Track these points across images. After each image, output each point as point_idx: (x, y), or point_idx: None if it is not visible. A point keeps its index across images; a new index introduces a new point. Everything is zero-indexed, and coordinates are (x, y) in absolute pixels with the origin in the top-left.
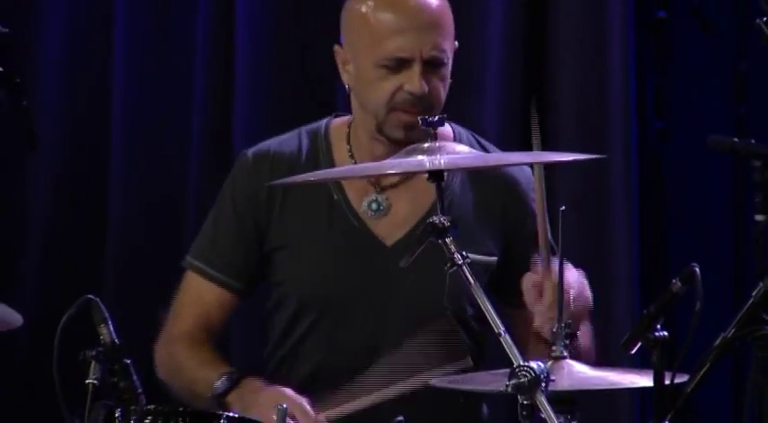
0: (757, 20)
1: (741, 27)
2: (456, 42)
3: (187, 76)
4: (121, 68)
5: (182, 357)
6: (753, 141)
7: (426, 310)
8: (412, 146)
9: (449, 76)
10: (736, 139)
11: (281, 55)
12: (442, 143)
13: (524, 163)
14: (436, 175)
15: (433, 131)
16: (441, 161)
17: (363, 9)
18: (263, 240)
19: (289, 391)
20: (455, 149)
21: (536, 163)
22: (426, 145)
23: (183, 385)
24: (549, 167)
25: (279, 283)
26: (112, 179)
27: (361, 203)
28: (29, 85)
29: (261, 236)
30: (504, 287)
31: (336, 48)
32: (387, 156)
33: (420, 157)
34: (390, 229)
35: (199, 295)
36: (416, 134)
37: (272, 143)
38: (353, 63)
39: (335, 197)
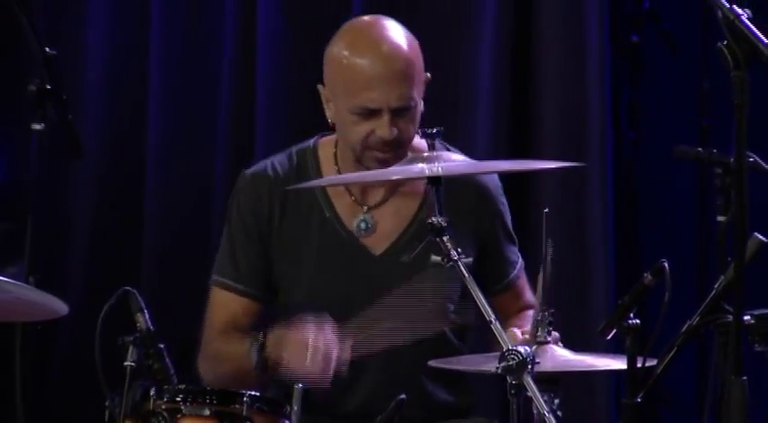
0: (719, 44)
1: (705, 50)
2: (428, 74)
3: (213, 93)
4: (156, 85)
5: (219, 351)
6: (714, 151)
7: (413, 315)
8: (412, 155)
9: (418, 113)
10: (700, 149)
11: (298, 61)
12: (440, 153)
13: (514, 170)
14: (435, 181)
15: (431, 142)
16: (439, 169)
17: (341, 56)
18: (270, 249)
19: (309, 327)
20: (451, 158)
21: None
22: (425, 154)
23: (228, 372)
24: (534, 173)
25: (281, 291)
26: (148, 183)
27: (352, 222)
28: (73, 101)
29: (266, 246)
30: (482, 279)
31: (319, 87)
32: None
33: (421, 165)
34: (377, 242)
35: (226, 306)
36: (391, 163)
37: (267, 163)
38: (333, 102)
39: (327, 215)
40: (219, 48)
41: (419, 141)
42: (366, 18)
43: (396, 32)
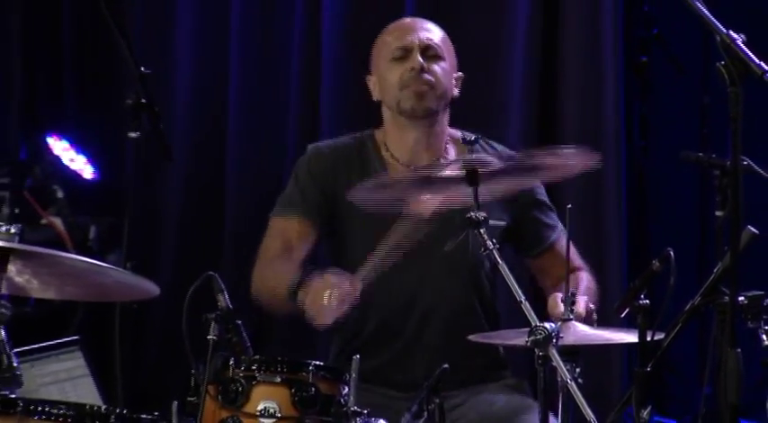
0: (717, 64)
1: (705, 69)
2: (460, 73)
3: (283, 104)
4: (233, 99)
5: (274, 267)
6: (713, 156)
7: (454, 269)
8: (455, 159)
9: (450, 70)
10: (701, 154)
11: (356, 75)
12: (479, 155)
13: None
14: (473, 182)
15: (471, 148)
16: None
17: (382, 42)
18: (331, 206)
19: (327, 275)
20: (488, 160)
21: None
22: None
23: (268, 292)
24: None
25: (341, 255)
26: (227, 182)
27: None
28: (164, 113)
29: (327, 202)
30: (522, 243)
31: (367, 76)
32: (414, 138)
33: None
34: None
35: (282, 231)
36: (427, 102)
37: (330, 141)
38: (377, 75)
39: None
40: (288, 65)
41: (454, 132)
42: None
43: (430, 23)
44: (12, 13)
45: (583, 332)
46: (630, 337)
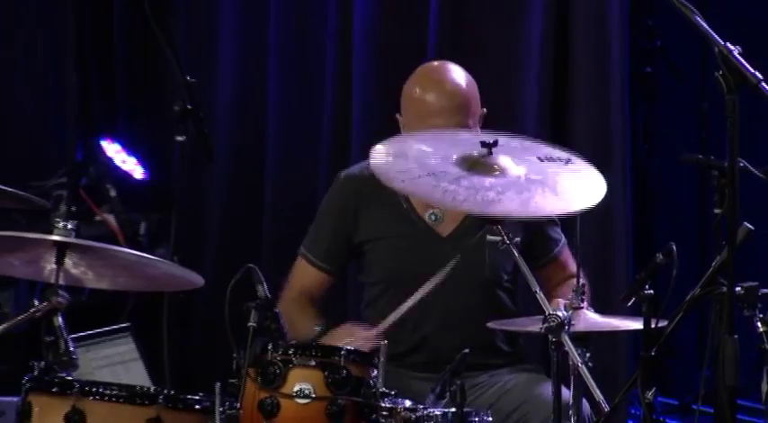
0: (716, 73)
1: (704, 78)
2: (484, 109)
3: (318, 112)
4: (273, 105)
5: (293, 316)
6: (712, 158)
7: (472, 282)
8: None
9: (475, 126)
10: (700, 156)
11: (384, 88)
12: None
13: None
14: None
15: (489, 149)
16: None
17: (413, 92)
18: (353, 236)
19: (348, 326)
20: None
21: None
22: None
23: (292, 331)
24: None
25: (368, 264)
26: (266, 180)
27: (424, 213)
28: (208, 118)
29: (350, 234)
30: (530, 253)
31: (397, 115)
32: None
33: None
34: (444, 227)
35: (303, 275)
36: None
37: (357, 167)
38: (408, 128)
39: (405, 206)
40: (323, 76)
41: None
42: (435, 63)
43: (457, 74)
44: (67, 27)
45: (593, 320)
46: (636, 325)
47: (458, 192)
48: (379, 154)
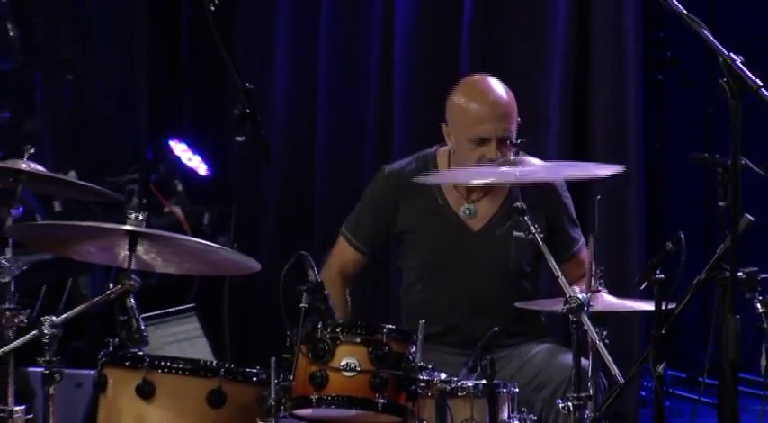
0: (720, 81)
1: (710, 84)
2: (519, 119)
3: (363, 112)
4: (323, 108)
5: (330, 290)
6: (717, 156)
7: (498, 272)
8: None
9: (514, 136)
10: (706, 155)
11: (424, 89)
12: (523, 158)
13: (574, 177)
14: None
15: (517, 150)
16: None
17: (460, 103)
18: (392, 226)
19: None
20: (532, 162)
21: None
22: (512, 158)
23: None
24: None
25: (405, 252)
26: (317, 177)
27: (459, 209)
28: (264, 121)
29: (389, 223)
30: (552, 252)
31: (443, 125)
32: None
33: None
34: (476, 222)
35: (343, 254)
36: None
37: (399, 163)
38: (453, 136)
39: (441, 202)
40: (367, 85)
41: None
42: (476, 76)
43: (497, 86)
44: (139, 44)
45: (609, 301)
46: (648, 306)
47: (503, 172)
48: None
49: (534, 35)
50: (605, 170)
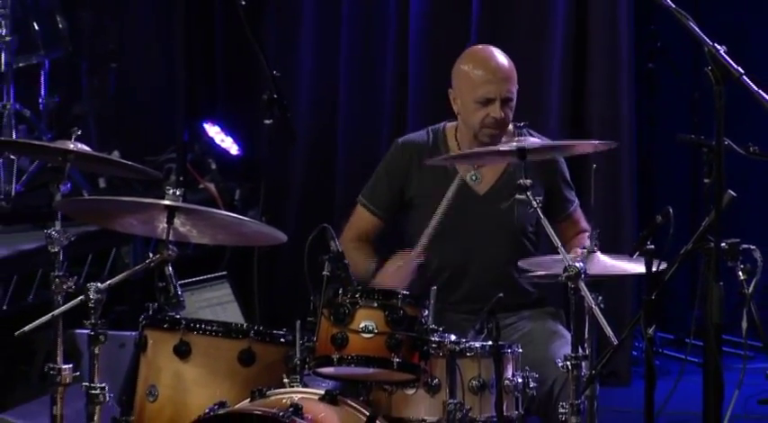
0: (705, 69)
1: (696, 72)
2: (517, 84)
3: (379, 96)
4: (343, 93)
5: (350, 254)
6: (702, 137)
7: (503, 232)
8: (507, 139)
9: (514, 105)
10: (693, 136)
11: (435, 75)
12: (525, 137)
13: (574, 152)
14: (522, 156)
15: (519, 131)
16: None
17: (465, 68)
18: (406, 191)
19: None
20: (532, 140)
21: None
22: (516, 138)
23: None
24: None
25: (418, 216)
26: (338, 157)
27: (466, 175)
28: (290, 105)
29: (403, 189)
30: (549, 213)
31: (449, 90)
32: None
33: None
34: (482, 187)
35: (361, 220)
36: (498, 139)
37: (412, 136)
38: (460, 99)
39: (450, 170)
40: (383, 69)
41: (511, 130)
42: (479, 46)
43: (498, 53)
44: (177, 36)
45: (605, 263)
46: (639, 268)
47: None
48: None
49: (534, 31)
50: (600, 144)
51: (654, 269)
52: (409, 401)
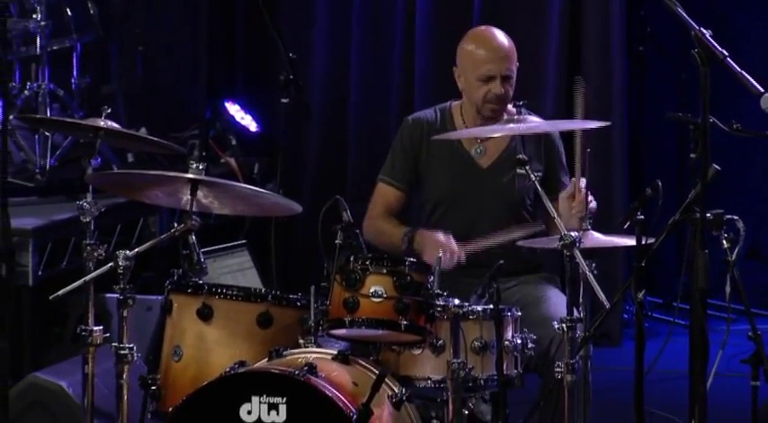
0: (692, 51)
1: (683, 54)
2: (517, 63)
3: (388, 77)
4: (354, 74)
5: (381, 227)
6: (689, 115)
7: (503, 203)
8: (509, 117)
9: (514, 82)
10: (680, 114)
11: (439, 61)
12: (525, 116)
13: (568, 128)
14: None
15: (518, 110)
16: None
17: (469, 48)
18: (418, 165)
19: (440, 235)
20: (531, 120)
21: (578, 129)
22: (516, 117)
23: (384, 242)
24: (583, 131)
25: (426, 187)
26: (350, 134)
27: (471, 149)
28: (305, 85)
29: (418, 162)
30: (545, 191)
31: (454, 68)
32: (484, 124)
33: (512, 125)
34: (485, 160)
35: (384, 195)
36: (499, 114)
37: (421, 113)
38: (463, 77)
39: (455, 144)
40: (392, 52)
41: (511, 109)
42: (482, 27)
43: (500, 34)
44: (200, 18)
45: (597, 237)
46: (630, 242)
47: (510, 128)
48: None
49: (532, 16)
50: (594, 124)
51: (643, 242)
52: (416, 361)
